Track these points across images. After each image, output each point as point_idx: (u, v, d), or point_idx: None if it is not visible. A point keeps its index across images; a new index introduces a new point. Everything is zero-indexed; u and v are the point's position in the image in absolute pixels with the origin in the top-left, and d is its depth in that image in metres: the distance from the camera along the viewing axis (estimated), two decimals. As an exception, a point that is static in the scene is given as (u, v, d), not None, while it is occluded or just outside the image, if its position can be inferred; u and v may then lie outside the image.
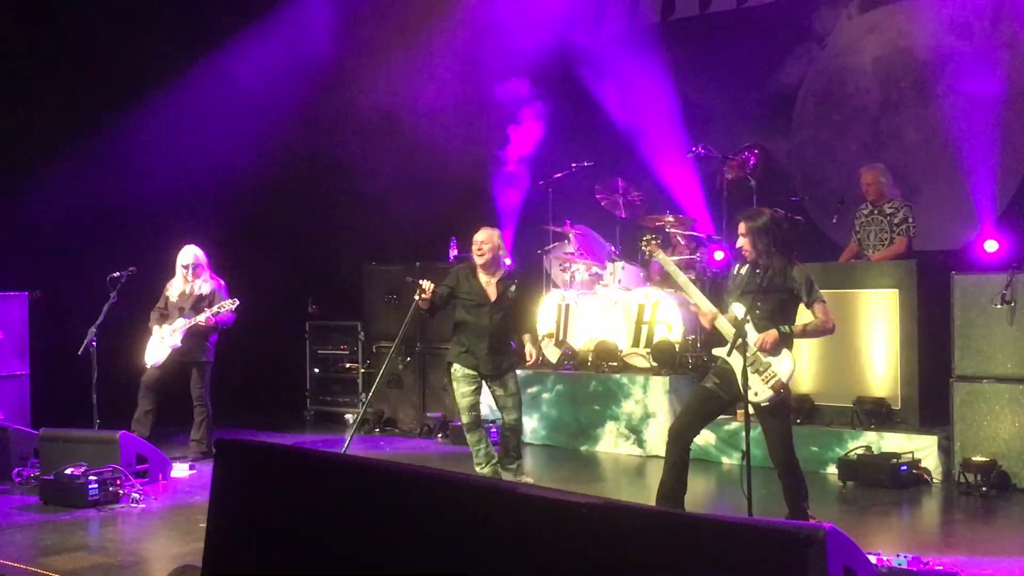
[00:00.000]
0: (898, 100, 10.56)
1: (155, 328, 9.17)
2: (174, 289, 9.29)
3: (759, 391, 6.09)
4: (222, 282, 9.40)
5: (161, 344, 9.09)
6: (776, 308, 6.19)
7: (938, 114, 10.31)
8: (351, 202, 12.14)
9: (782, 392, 6.09)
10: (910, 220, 8.86)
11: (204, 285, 9.25)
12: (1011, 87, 9.94)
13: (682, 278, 6.49)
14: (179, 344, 9.04)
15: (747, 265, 6.36)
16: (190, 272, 9.22)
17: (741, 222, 6.36)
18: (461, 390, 7.62)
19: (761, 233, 6.25)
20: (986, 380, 7.67)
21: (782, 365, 6.10)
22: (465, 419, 7.63)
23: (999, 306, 7.55)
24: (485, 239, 7.59)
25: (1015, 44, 9.88)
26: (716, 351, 6.33)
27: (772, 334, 6.08)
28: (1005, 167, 10.02)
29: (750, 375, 6.07)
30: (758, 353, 6.08)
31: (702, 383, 6.49)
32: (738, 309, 6.20)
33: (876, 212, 9.00)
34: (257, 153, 11.81)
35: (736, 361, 6.12)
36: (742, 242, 6.32)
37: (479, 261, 7.60)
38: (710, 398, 6.35)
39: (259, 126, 11.59)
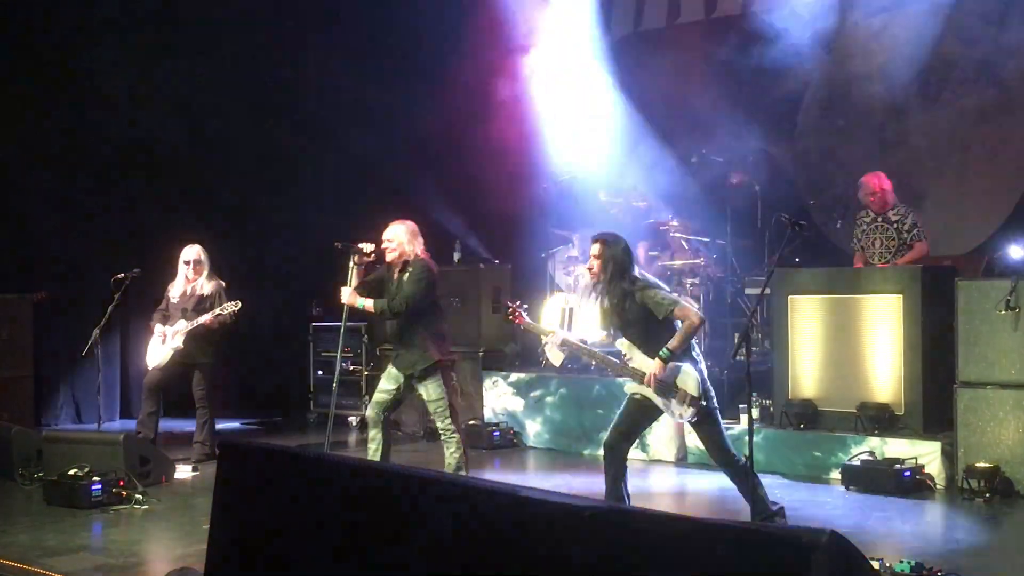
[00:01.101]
0: (903, 106, 10.55)
1: (156, 328, 9.17)
2: (175, 289, 9.29)
3: (681, 413, 6.20)
4: (223, 284, 9.40)
5: (163, 346, 9.09)
6: (647, 332, 6.26)
7: (943, 120, 10.31)
8: (355, 204, 12.14)
9: (701, 403, 6.16)
10: (920, 223, 8.85)
11: (206, 285, 9.25)
12: (1016, 94, 9.94)
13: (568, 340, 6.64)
14: (180, 345, 9.04)
15: (605, 297, 6.40)
16: (191, 269, 9.21)
17: (599, 243, 6.36)
18: (380, 384, 7.49)
19: (612, 260, 6.31)
20: (990, 386, 7.65)
21: (687, 381, 6.16)
22: (369, 412, 7.49)
23: (1003, 312, 7.54)
24: (391, 236, 7.31)
25: (1020, 51, 9.87)
26: (628, 388, 6.36)
27: (657, 368, 6.14)
28: (1010, 173, 10.02)
29: (666, 401, 6.21)
30: (658, 382, 6.17)
31: (631, 395, 6.50)
32: (622, 345, 6.33)
33: (880, 219, 8.98)
34: (261, 156, 11.83)
35: (647, 391, 6.23)
36: (593, 263, 6.34)
37: (388, 258, 7.35)
38: (640, 408, 6.38)
39: (263, 130, 11.61)
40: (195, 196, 11.59)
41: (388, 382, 7.41)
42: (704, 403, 6.17)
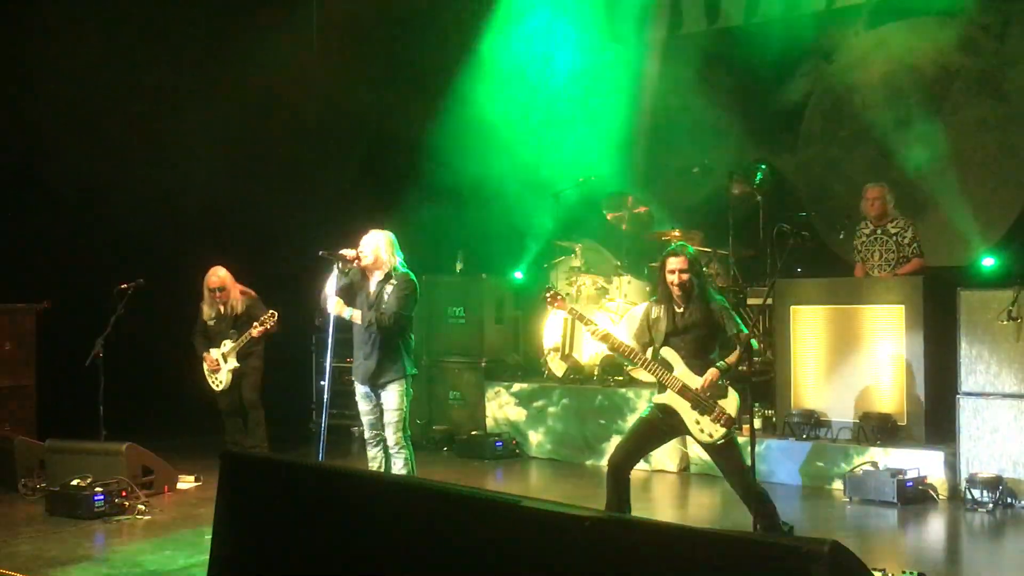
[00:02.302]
0: (905, 116, 10.55)
1: (205, 354, 9.18)
2: (209, 311, 9.25)
3: (712, 432, 6.12)
4: (253, 293, 9.37)
5: (221, 371, 9.15)
6: (698, 343, 6.24)
7: (945, 130, 10.31)
8: (355, 212, 12.13)
9: (733, 426, 6.14)
10: (919, 239, 8.88)
11: (238, 303, 9.23)
12: (1018, 105, 9.95)
13: (597, 329, 6.46)
14: (237, 364, 9.12)
15: (661, 306, 6.34)
16: (217, 296, 9.19)
17: (681, 256, 6.28)
18: (360, 408, 7.43)
19: (699, 273, 6.33)
20: (992, 396, 7.66)
21: (729, 400, 6.15)
22: (367, 434, 7.46)
23: (1005, 322, 7.55)
24: (367, 243, 7.26)
25: (1022, 62, 9.89)
26: (656, 398, 6.31)
27: (714, 374, 6.12)
28: (1011, 183, 10.03)
29: (699, 417, 6.12)
30: (702, 394, 6.12)
31: (642, 415, 6.49)
32: (667, 354, 6.25)
33: (879, 231, 9.01)
34: (263, 166, 11.83)
35: (679, 404, 6.16)
36: (683, 277, 6.24)
37: (363, 264, 7.28)
38: (651, 430, 6.36)
39: (263, 140, 11.62)
40: (200, 208, 11.58)
41: (365, 402, 7.36)
42: (736, 427, 6.18)
